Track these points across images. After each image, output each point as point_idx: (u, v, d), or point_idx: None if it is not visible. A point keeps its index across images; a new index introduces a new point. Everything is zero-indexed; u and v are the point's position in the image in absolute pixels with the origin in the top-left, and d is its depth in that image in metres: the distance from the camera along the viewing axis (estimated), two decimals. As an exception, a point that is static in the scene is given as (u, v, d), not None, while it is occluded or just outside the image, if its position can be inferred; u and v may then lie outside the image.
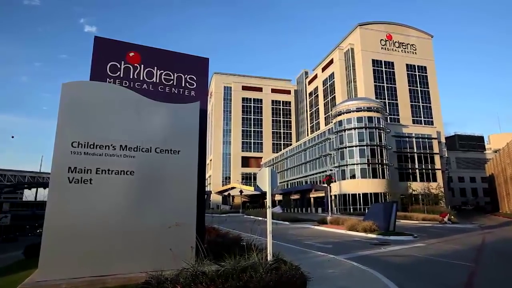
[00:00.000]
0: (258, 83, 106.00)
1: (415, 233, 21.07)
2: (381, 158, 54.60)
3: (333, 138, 59.70)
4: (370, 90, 70.93)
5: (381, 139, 55.50)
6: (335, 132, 58.39)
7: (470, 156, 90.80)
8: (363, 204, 51.29)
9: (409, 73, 75.84)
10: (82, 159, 7.16)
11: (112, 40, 9.12)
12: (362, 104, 56.79)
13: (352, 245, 16.25)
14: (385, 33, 76.07)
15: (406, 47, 77.19)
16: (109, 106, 7.73)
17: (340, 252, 13.06)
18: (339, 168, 56.82)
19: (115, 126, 7.65)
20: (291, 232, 22.75)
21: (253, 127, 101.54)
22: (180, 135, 8.25)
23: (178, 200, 7.92)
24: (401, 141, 60.82)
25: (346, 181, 55.21)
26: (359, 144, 54.86)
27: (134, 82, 9.02)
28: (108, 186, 7.32)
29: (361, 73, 72.91)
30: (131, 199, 7.54)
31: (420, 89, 75.91)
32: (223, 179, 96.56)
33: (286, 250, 10.76)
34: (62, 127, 7.14)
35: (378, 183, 52.66)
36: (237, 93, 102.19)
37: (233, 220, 25.00)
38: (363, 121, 55.35)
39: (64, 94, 7.25)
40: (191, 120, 8.48)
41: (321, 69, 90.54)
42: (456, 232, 24.32)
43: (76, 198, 7.03)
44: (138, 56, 9.20)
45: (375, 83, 72.63)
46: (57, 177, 7.00)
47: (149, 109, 8.07)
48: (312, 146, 69.02)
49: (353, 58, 76.69)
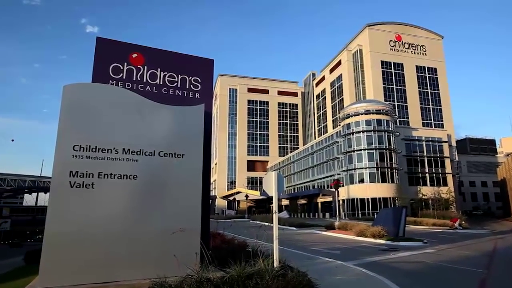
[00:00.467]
0: (264, 85, 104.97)
1: (425, 239, 20.90)
2: (390, 162, 53.99)
3: (341, 142, 59.23)
4: (379, 92, 70.33)
5: (390, 142, 54.91)
6: (343, 135, 57.94)
7: (482, 160, 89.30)
8: (372, 209, 50.76)
9: (419, 75, 75.07)
10: (84, 163, 7.03)
11: (115, 41, 8.99)
12: (371, 107, 56.27)
13: (361, 251, 16.08)
14: (394, 34, 75.41)
15: (416, 48, 76.46)
16: (111, 109, 7.59)
17: (348, 258, 12.90)
18: (347, 172, 56.33)
19: (117, 129, 7.51)
20: (298, 238, 22.63)
21: (259, 130, 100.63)
22: (184, 138, 8.09)
23: (182, 205, 7.76)
24: (410, 144, 60.14)
25: (354, 186, 54.68)
26: (367, 147, 54.33)
27: (137, 84, 8.89)
28: (110, 190, 7.18)
29: (369, 74, 72.35)
30: (134, 203, 7.41)
31: (430, 91, 75.07)
32: (228, 183, 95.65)
33: (293, 256, 10.64)
34: (63, 130, 7.01)
35: (387, 187, 52.05)
36: (242, 95, 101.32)
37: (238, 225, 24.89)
38: (372, 124, 54.83)
39: (65, 96, 7.12)
40: (195, 123, 8.31)
41: (328, 70, 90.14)
42: (467, 238, 24.14)
43: (77, 203, 6.90)
44: (141, 57, 9.06)
45: (384, 85, 72.00)
46: (58, 181, 6.86)
47: (153, 111, 7.93)
48: (320, 150, 68.59)
49: (362, 60, 76.04)
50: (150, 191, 7.53)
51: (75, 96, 7.29)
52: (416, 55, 76.07)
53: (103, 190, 7.11)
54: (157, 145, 7.75)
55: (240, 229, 18.09)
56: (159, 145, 7.77)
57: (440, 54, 77.99)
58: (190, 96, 9.53)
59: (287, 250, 13.03)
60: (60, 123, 7.00)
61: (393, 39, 75.14)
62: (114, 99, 7.71)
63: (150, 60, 9.13)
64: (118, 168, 7.29)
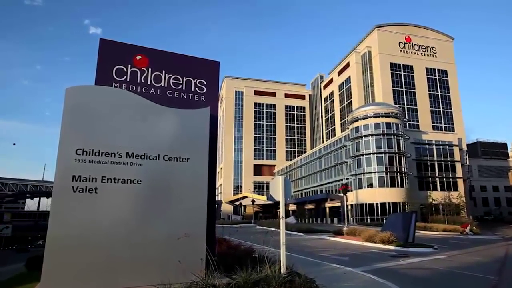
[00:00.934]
0: (271, 87, 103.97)
1: (435, 245, 20.68)
2: (399, 166, 53.31)
3: (350, 145, 58.72)
4: (388, 95, 69.65)
5: (400, 146, 54.25)
6: (352, 139, 57.44)
7: (493, 164, 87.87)
8: (381, 214, 50.14)
9: (429, 77, 74.20)
10: (87, 167, 6.96)
11: (118, 43, 8.93)
12: (380, 110, 55.71)
13: (369, 257, 15.87)
14: (403, 35, 74.62)
15: (426, 50, 75.60)
16: (115, 112, 7.52)
17: (357, 265, 12.69)
18: (356, 177, 55.76)
19: (121, 133, 7.44)
20: (306, 244, 22.41)
21: (265, 133, 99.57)
22: (190, 142, 8.01)
23: (187, 210, 7.66)
24: (420, 148, 59.33)
25: (363, 190, 54.09)
26: (376, 151, 53.74)
27: (141, 87, 8.81)
28: (114, 195, 7.11)
29: (378, 77, 71.73)
30: (138, 208, 7.33)
31: (441, 94, 74.08)
32: (234, 188, 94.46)
33: (301, 262, 10.51)
34: (65, 133, 6.95)
35: (396, 192, 51.38)
36: (249, 98, 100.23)
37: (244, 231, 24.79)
38: (381, 127, 54.25)
39: (68, 99, 7.07)
40: (201, 126, 8.22)
41: (337, 73, 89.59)
42: (478, 244, 23.86)
43: (80, 208, 6.83)
44: (145, 59, 8.99)
45: (393, 88, 71.29)
46: (61, 186, 6.80)
47: (157, 114, 7.85)
48: (328, 154, 68.08)
49: (370, 62, 75.29)
50: (154, 195, 7.45)
51: (78, 99, 7.24)
52: (426, 57, 75.21)
53: (107, 194, 7.05)
54: (162, 149, 7.67)
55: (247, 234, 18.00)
56: (163, 149, 7.69)
57: (450, 56, 77.02)
58: (195, 99, 9.43)
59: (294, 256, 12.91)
60: (62, 127, 6.94)
61: (402, 41, 74.33)
62: (117, 102, 7.64)
63: (155, 62, 9.05)
64: (121, 173, 7.22)
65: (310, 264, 12.53)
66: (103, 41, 8.68)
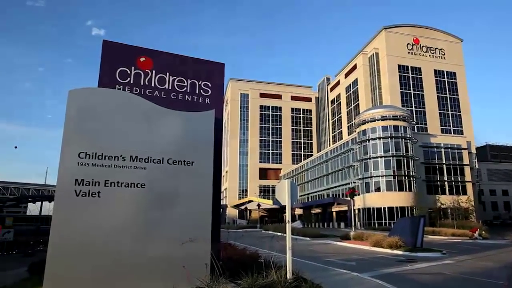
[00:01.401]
0: (277, 90, 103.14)
1: (444, 250, 20.53)
2: (407, 170, 52.72)
3: (357, 149, 58.25)
4: (396, 98, 69.04)
5: (408, 149, 53.68)
6: (359, 142, 56.99)
7: (503, 168, 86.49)
8: (389, 219, 49.55)
9: (437, 79, 73.41)
10: (90, 170, 6.89)
11: (122, 44, 8.90)
12: (388, 113, 55.20)
13: (377, 262, 15.73)
14: (411, 37, 73.91)
15: (434, 52, 74.79)
16: (118, 115, 7.46)
17: (364, 270, 12.56)
18: (363, 181, 55.27)
19: (125, 136, 7.37)
20: (312, 248, 22.27)
21: (271, 136, 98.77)
22: (194, 145, 7.91)
23: (192, 214, 7.57)
24: (429, 151, 58.66)
25: (370, 194, 53.59)
26: (384, 154, 53.22)
27: (145, 89, 8.76)
28: (117, 199, 7.03)
29: (386, 79, 71.13)
30: (141, 213, 7.24)
31: (449, 96, 73.20)
32: (239, 192, 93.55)
33: (307, 268, 10.38)
34: (68, 136, 6.90)
35: (404, 196, 50.81)
36: (254, 100, 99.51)
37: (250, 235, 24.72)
38: (389, 130, 53.73)
39: (70, 101, 7.02)
40: (205, 129, 8.12)
41: (343, 75, 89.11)
42: (488, 249, 23.61)
43: (83, 212, 6.76)
44: (149, 61, 8.94)
45: (401, 90, 70.63)
46: (64, 190, 6.74)
47: (161, 117, 7.78)
48: (334, 157, 67.65)
49: (378, 64, 74.62)
50: (158, 199, 7.38)
51: (81, 101, 7.19)
52: (434, 59, 74.39)
53: (110, 198, 6.98)
54: (166, 152, 7.59)
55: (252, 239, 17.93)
56: (167, 152, 7.61)
57: (459, 58, 76.15)
58: (200, 101, 9.36)
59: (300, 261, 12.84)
60: (65, 130, 6.89)
61: (410, 42, 73.56)
62: (121, 104, 7.58)
63: (159, 64, 9.00)
64: (125, 176, 7.15)
65: (316, 269, 12.41)
66: (106, 42, 8.65)
